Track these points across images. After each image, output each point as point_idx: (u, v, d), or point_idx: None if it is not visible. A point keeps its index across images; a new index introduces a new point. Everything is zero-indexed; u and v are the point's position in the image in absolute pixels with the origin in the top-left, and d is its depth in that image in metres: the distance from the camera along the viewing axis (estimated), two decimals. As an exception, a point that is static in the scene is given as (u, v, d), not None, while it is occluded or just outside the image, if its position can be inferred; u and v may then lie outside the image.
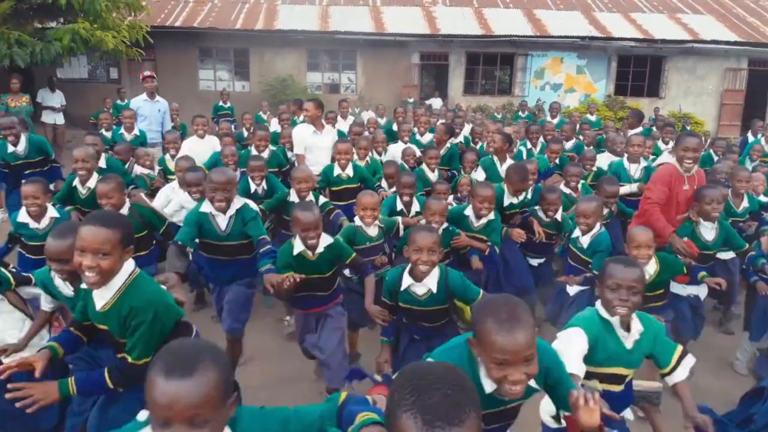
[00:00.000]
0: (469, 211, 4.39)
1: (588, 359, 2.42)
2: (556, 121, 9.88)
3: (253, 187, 5.02)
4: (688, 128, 16.44)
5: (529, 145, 7.57)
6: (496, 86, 18.26)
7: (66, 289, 2.95)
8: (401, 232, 4.46)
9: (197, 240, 3.74)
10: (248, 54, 16.93)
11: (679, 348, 2.58)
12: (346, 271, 4.11)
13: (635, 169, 6.45)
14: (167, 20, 16.36)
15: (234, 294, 3.86)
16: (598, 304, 2.55)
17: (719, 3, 20.56)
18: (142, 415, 1.60)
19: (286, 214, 4.63)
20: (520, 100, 15.95)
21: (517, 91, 17.45)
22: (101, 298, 2.35)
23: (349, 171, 5.28)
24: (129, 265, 2.34)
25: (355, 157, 5.67)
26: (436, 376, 1.34)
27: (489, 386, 1.87)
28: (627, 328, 2.50)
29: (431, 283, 3.09)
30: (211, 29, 16.17)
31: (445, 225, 4.07)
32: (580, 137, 8.48)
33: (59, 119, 10.63)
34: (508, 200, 4.84)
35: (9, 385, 2.09)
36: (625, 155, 6.70)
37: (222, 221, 3.69)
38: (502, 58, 17.78)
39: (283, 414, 1.68)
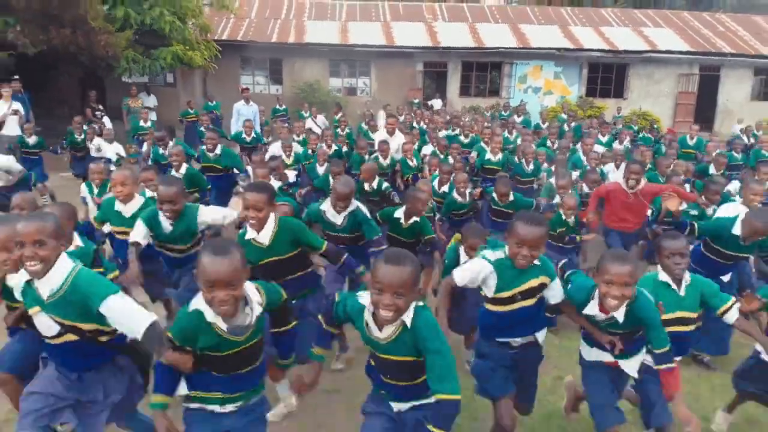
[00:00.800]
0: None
1: None
2: (520, 119, 13.30)
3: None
4: (656, 126, 19.84)
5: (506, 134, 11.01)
6: (487, 89, 21.59)
7: (167, 225, 4.12)
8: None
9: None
10: (281, 62, 20.37)
11: (732, 299, 3.33)
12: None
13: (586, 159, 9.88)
14: (214, 34, 19.74)
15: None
16: (659, 268, 3.39)
17: (679, 17, 23.97)
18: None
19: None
20: (506, 101, 19.45)
21: (504, 94, 20.88)
22: (265, 237, 3.57)
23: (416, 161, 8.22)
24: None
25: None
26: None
27: (592, 310, 3.06)
28: (679, 282, 3.35)
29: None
30: (251, 42, 19.56)
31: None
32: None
33: (153, 116, 14.07)
34: (488, 157, 8.29)
35: None
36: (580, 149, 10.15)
37: (337, 219, 4.60)
38: (492, 65, 21.19)
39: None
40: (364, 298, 2.51)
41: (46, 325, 2.60)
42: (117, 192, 4.50)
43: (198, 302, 2.43)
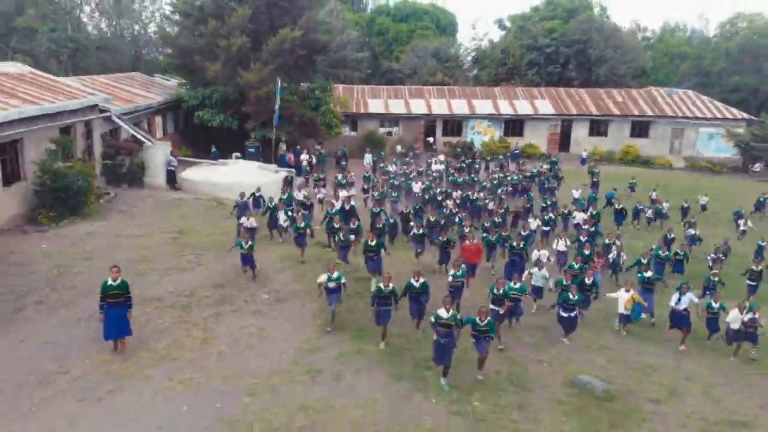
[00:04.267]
0: None
1: None
2: (476, 158, 35.36)
3: None
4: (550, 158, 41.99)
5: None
6: (455, 132, 43.48)
7: None
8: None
9: None
10: (357, 121, 42.21)
11: None
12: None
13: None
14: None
15: None
16: None
17: (556, 91, 46.07)
18: None
19: None
20: (464, 139, 41.49)
21: (463, 135, 42.93)
22: None
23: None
24: None
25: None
26: None
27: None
28: None
29: None
30: (342, 112, 41.26)
31: None
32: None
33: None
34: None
35: None
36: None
37: None
38: (458, 122, 43.17)
39: None
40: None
41: None
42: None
43: None
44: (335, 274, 11.59)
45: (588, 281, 13.37)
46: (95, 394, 8.64)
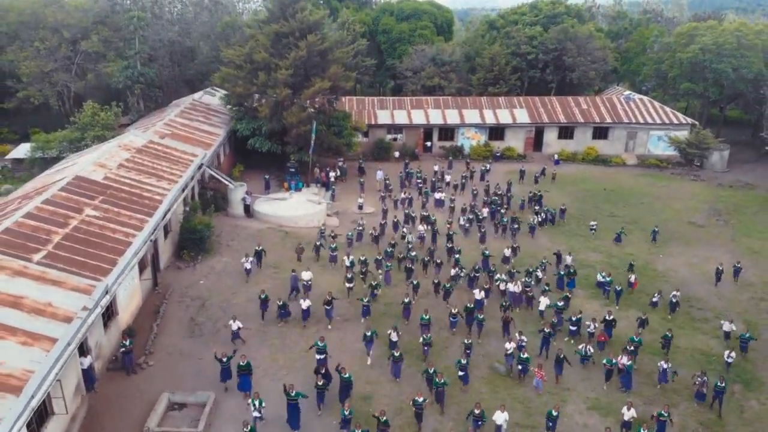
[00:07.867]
0: None
1: None
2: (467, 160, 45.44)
3: None
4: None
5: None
6: (448, 138, 53.19)
7: None
8: None
9: None
10: (369, 130, 51.70)
11: None
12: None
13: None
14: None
15: None
16: None
17: (533, 101, 55.45)
18: None
19: None
20: (456, 143, 51.40)
21: (455, 140, 52.74)
22: None
23: None
24: None
25: None
26: None
27: None
28: None
29: None
30: (356, 123, 50.81)
31: None
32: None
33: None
34: None
35: None
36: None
37: None
38: (450, 128, 52.82)
39: None
40: None
41: None
42: None
43: None
44: None
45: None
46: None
